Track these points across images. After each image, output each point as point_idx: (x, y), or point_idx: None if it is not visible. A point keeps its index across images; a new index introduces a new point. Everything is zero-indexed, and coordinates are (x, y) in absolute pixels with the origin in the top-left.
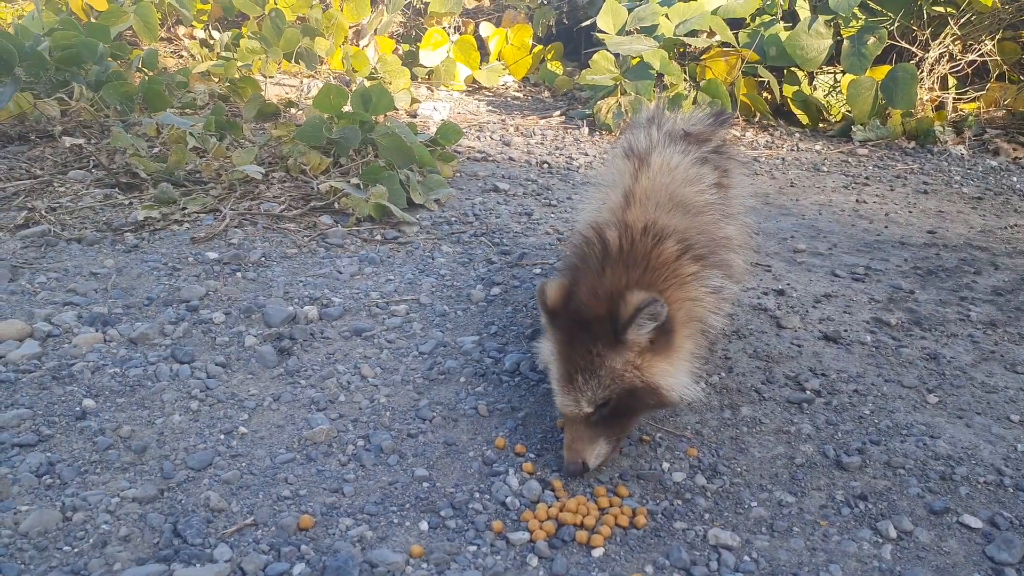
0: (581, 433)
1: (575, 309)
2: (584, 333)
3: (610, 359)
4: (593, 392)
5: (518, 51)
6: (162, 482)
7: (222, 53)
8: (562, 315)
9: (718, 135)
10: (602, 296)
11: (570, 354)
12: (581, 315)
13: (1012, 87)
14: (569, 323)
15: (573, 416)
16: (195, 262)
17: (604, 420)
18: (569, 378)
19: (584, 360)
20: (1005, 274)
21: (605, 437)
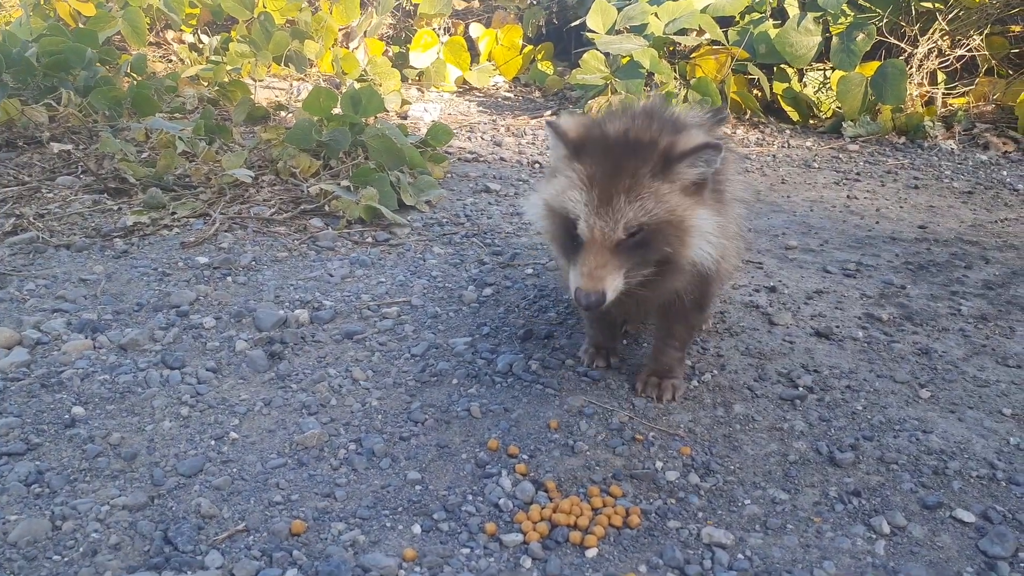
0: (605, 260)
1: (620, 133)
2: (631, 157)
3: (656, 185)
4: (635, 214)
5: (508, 51)
6: (152, 489)
7: (211, 57)
8: (590, 143)
9: (716, 130)
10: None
11: (609, 176)
12: (627, 140)
13: (1001, 81)
14: (607, 147)
15: (604, 239)
16: (185, 267)
17: (628, 252)
18: (608, 199)
19: (629, 181)
20: (995, 268)
21: (623, 270)
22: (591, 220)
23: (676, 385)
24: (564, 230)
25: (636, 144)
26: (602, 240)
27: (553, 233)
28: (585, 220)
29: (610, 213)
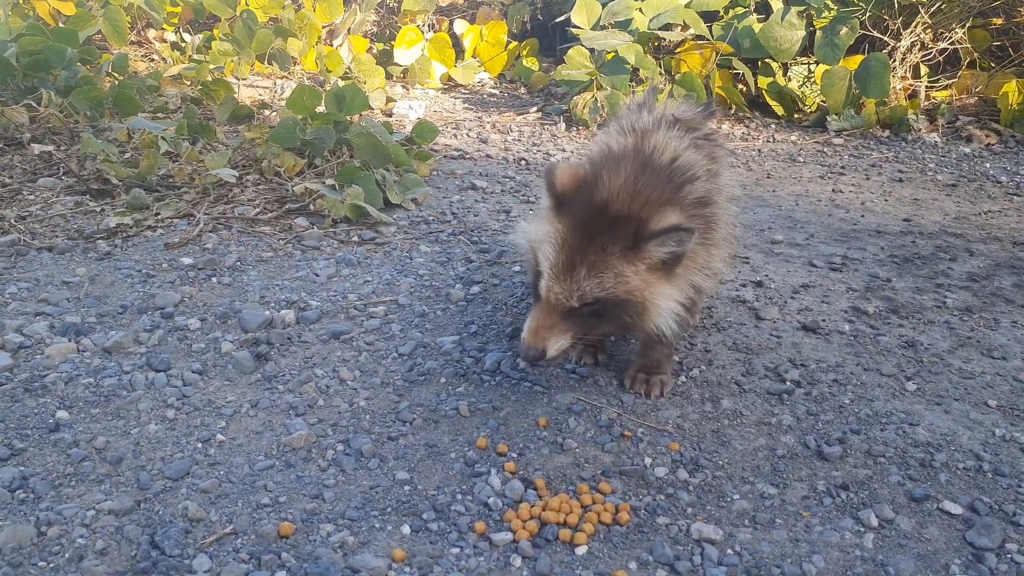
0: (552, 321)
1: (600, 202)
2: (602, 228)
3: (621, 263)
4: (591, 288)
5: (493, 48)
6: (139, 493)
7: (194, 56)
8: (574, 202)
9: (706, 124)
10: (637, 199)
11: (578, 244)
12: (605, 210)
13: (983, 74)
14: (584, 213)
15: (557, 304)
16: (169, 268)
17: (580, 318)
18: (569, 267)
19: (594, 255)
20: (980, 260)
21: (572, 333)
22: (551, 283)
23: (664, 381)
24: (534, 275)
25: (613, 218)
26: (555, 304)
27: (531, 269)
28: (546, 281)
29: (569, 281)
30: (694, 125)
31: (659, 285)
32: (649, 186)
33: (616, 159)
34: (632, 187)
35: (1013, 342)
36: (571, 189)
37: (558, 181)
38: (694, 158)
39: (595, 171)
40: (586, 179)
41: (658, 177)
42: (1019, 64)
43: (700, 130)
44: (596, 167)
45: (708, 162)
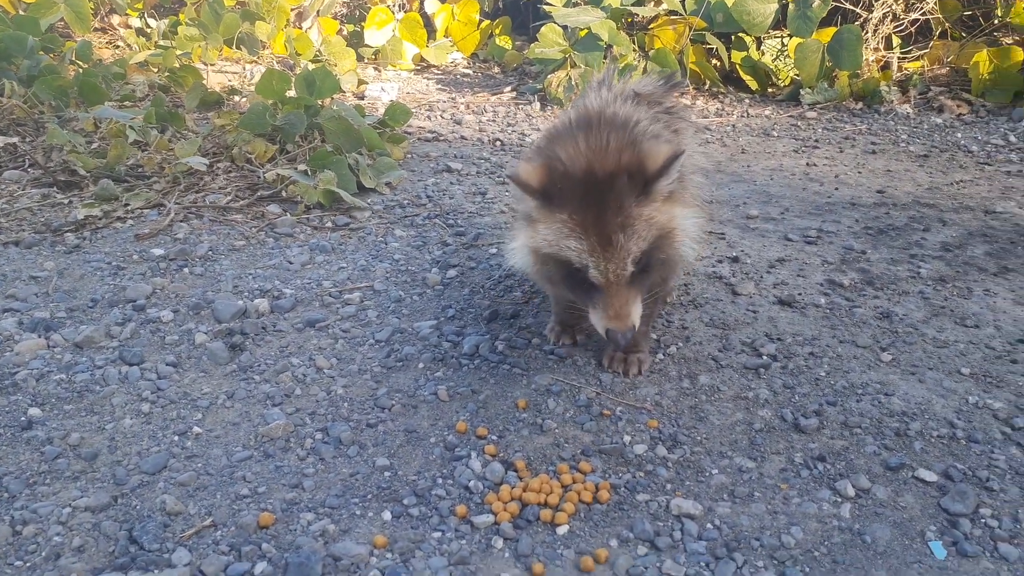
0: (626, 296)
1: (583, 172)
2: (607, 192)
3: (643, 210)
4: (636, 246)
5: (465, 27)
6: (115, 489)
7: (160, 42)
8: (564, 187)
9: (669, 98)
10: (611, 152)
11: (597, 219)
12: (593, 176)
13: (955, 44)
14: (578, 191)
15: (618, 279)
16: (140, 260)
17: (639, 278)
18: (608, 241)
19: (619, 218)
20: (952, 230)
21: (639, 295)
22: (601, 266)
23: (642, 359)
24: (568, 274)
25: (608, 177)
26: (617, 280)
27: (552, 276)
28: (595, 267)
29: (616, 254)
30: (655, 99)
31: (675, 209)
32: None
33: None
34: (597, 144)
35: (986, 310)
36: (546, 179)
37: (532, 179)
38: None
39: (551, 152)
40: (550, 164)
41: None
42: (989, 34)
43: (662, 104)
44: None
45: (669, 135)
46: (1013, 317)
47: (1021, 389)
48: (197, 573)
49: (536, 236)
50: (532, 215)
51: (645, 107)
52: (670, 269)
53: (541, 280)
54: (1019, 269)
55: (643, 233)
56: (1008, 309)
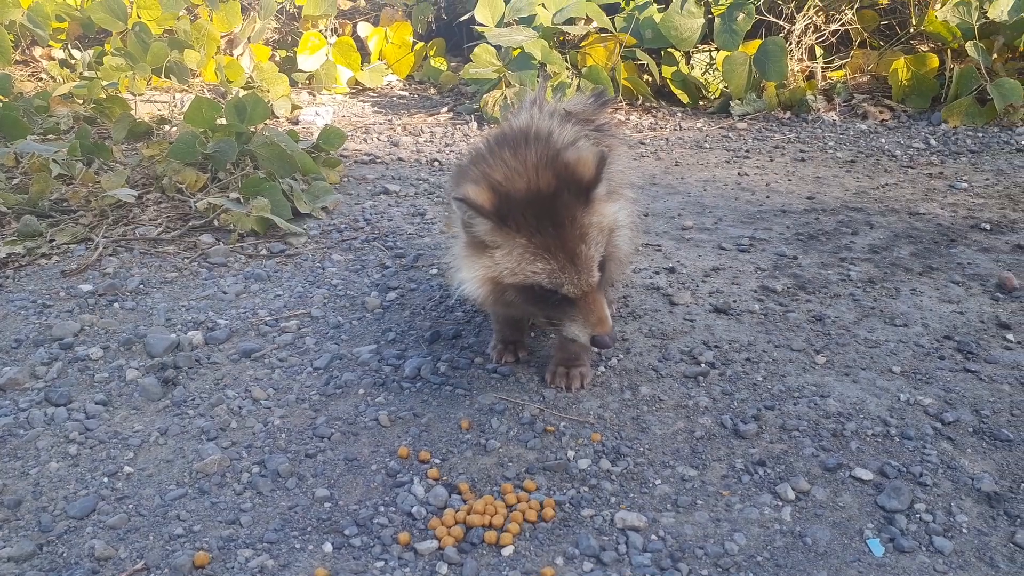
0: (600, 299)
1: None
2: (558, 208)
3: (591, 216)
4: (597, 252)
5: (399, 49)
6: (40, 536)
7: (85, 73)
8: (515, 208)
9: (600, 115)
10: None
11: (560, 235)
12: (541, 194)
13: (874, 53)
14: (535, 210)
15: (589, 288)
16: (67, 296)
17: (601, 277)
18: (574, 255)
19: (575, 230)
20: (880, 232)
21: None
22: (574, 280)
23: (584, 373)
24: (537, 295)
25: (552, 194)
26: (590, 289)
27: (513, 300)
28: (569, 283)
29: (583, 265)
30: (586, 117)
31: (610, 207)
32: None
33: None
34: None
35: (913, 309)
36: (498, 199)
37: (484, 202)
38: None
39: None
40: (493, 186)
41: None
42: (906, 42)
43: (593, 122)
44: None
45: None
46: (939, 315)
47: (949, 385)
48: None
49: (495, 265)
50: (485, 240)
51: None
52: (616, 264)
53: (497, 306)
54: (943, 268)
55: (598, 239)
56: (934, 307)
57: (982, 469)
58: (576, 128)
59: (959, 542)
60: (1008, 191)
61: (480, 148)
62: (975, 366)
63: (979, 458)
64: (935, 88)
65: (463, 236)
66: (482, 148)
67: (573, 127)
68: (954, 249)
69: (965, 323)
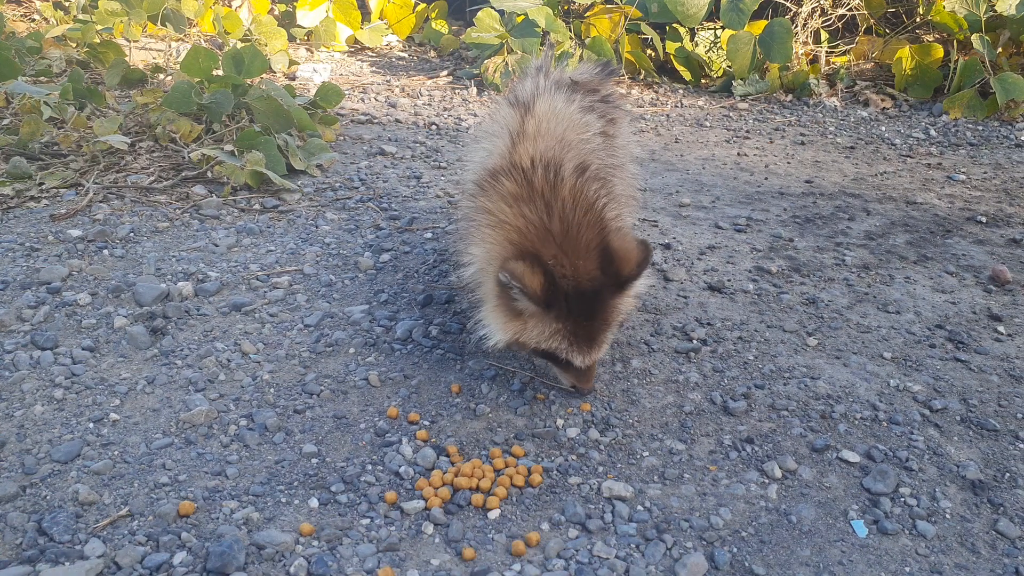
0: (595, 368)
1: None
2: (596, 302)
3: (621, 306)
4: (612, 334)
5: (401, 9)
6: (23, 478)
7: (79, 16)
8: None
9: (605, 86)
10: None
11: (589, 325)
12: (582, 289)
13: (879, 40)
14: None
15: (594, 362)
16: (56, 241)
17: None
18: (594, 341)
19: (605, 317)
20: (876, 219)
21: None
22: (587, 357)
23: None
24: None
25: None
26: (594, 362)
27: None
28: (582, 358)
29: (598, 348)
30: (591, 87)
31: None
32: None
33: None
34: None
35: (906, 296)
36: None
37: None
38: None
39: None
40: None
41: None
42: (912, 31)
43: (597, 92)
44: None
45: (604, 124)
46: (931, 303)
47: (939, 372)
48: (111, 565)
49: (525, 331)
50: (522, 310)
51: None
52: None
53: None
54: (937, 257)
55: (617, 320)
56: (927, 296)
57: (968, 457)
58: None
59: (942, 527)
60: (1005, 185)
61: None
62: (965, 356)
63: (965, 446)
64: (938, 79)
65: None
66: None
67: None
68: (949, 240)
69: (957, 313)
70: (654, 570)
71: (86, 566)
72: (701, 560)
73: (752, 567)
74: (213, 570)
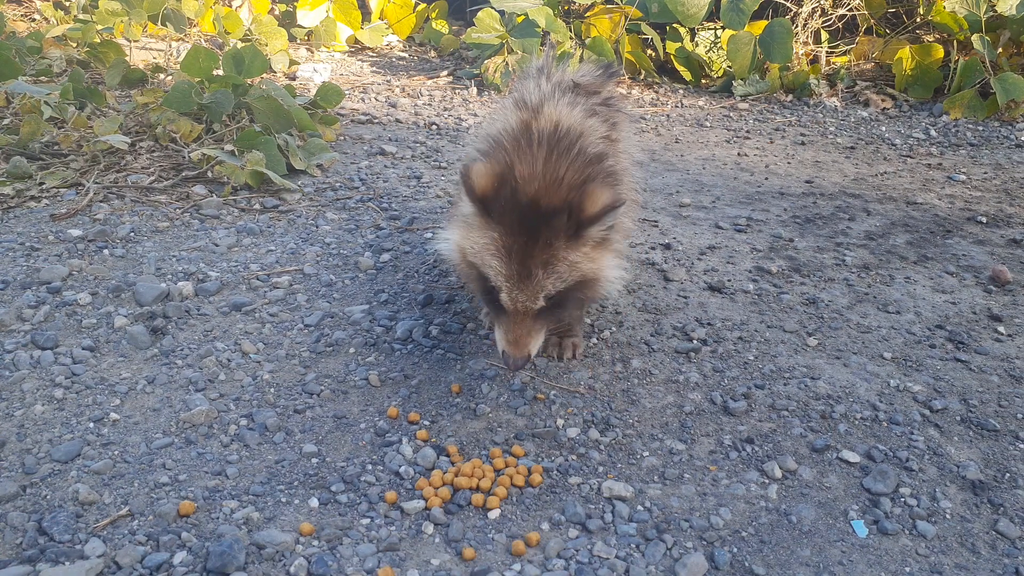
0: (528, 326)
1: (527, 200)
2: (539, 225)
3: (571, 253)
4: (552, 285)
5: (401, 9)
6: (24, 478)
7: (79, 16)
8: (500, 204)
9: (607, 88)
10: (561, 187)
11: (524, 248)
12: (536, 206)
13: (879, 40)
14: (517, 214)
15: (524, 311)
16: (56, 240)
17: (547, 311)
18: (527, 274)
19: (544, 255)
20: (876, 219)
21: (544, 328)
22: (513, 294)
23: (576, 343)
24: (484, 286)
25: (546, 213)
26: (524, 311)
27: (470, 279)
28: (507, 294)
29: (530, 287)
30: (593, 89)
31: (604, 258)
32: (565, 168)
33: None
34: (552, 175)
35: (906, 297)
36: (492, 190)
37: (478, 185)
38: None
39: (507, 162)
40: (503, 176)
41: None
42: (912, 31)
43: (599, 94)
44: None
45: (607, 128)
46: (932, 304)
47: (939, 373)
48: (111, 564)
49: (468, 239)
50: (468, 219)
51: (584, 99)
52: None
53: (462, 276)
54: (937, 258)
55: (564, 274)
56: (927, 296)
57: (968, 457)
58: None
59: (942, 527)
60: (1005, 185)
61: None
62: (965, 356)
63: (965, 446)
64: (938, 79)
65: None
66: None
67: (586, 102)
68: (949, 240)
69: (957, 313)
70: (654, 570)
71: (86, 566)
72: (701, 560)
73: (752, 567)
74: (213, 570)
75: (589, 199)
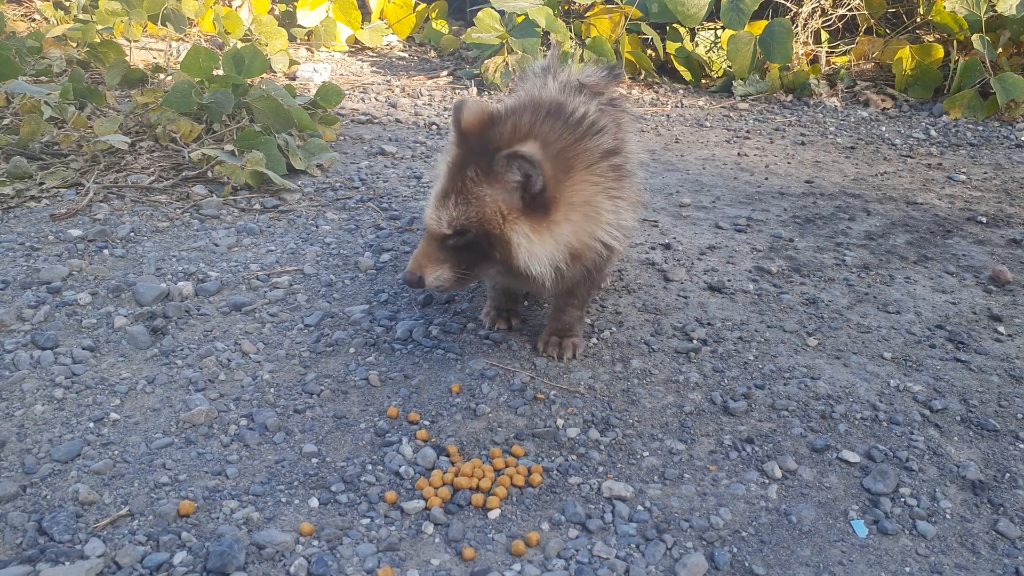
0: (432, 251)
1: (490, 137)
2: (473, 159)
3: (478, 188)
4: (457, 214)
5: (401, 9)
6: (24, 478)
7: (79, 16)
8: (471, 137)
9: (610, 89)
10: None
11: (455, 174)
12: (488, 143)
13: (879, 40)
14: (474, 146)
15: (433, 233)
16: (56, 240)
17: (456, 249)
18: (444, 195)
19: (462, 182)
20: (876, 219)
21: (451, 265)
22: (429, 210)
23: (576, 343)
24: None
25: (485, 146)
26: (434, 232)
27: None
28: (428, 208)
29: (442, 208)
30: (598, 90)
31: (520, 223)
32: (541, 127)
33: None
34: (526, 127)
35: (906, 297)
36: (475, 126)
37: (463, 117)
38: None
39: (506, 114)
40: (492, 119)
41: (560, 124)
42: (912, 31)
43: (605, 95)
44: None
45: (615, 128)
46: (932, 304)
47: (939, 373)
48: (112, 564)
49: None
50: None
51: (590, 99)
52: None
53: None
54: (937, 258)
55: (471, 210)
56: (927, 296)
57: (968, 457)
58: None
59: (942, 527)
60: (1005, 185)
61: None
62: (965, 356)
63: (965, 446)
64: (938, 79)
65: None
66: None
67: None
68: (949, 240)
69: (957, 313)
70: (654, 570)
71: (86, 566)
72: (701, 560)
73: (752, 567)
74: (213, 570)
75: (517, 141)
